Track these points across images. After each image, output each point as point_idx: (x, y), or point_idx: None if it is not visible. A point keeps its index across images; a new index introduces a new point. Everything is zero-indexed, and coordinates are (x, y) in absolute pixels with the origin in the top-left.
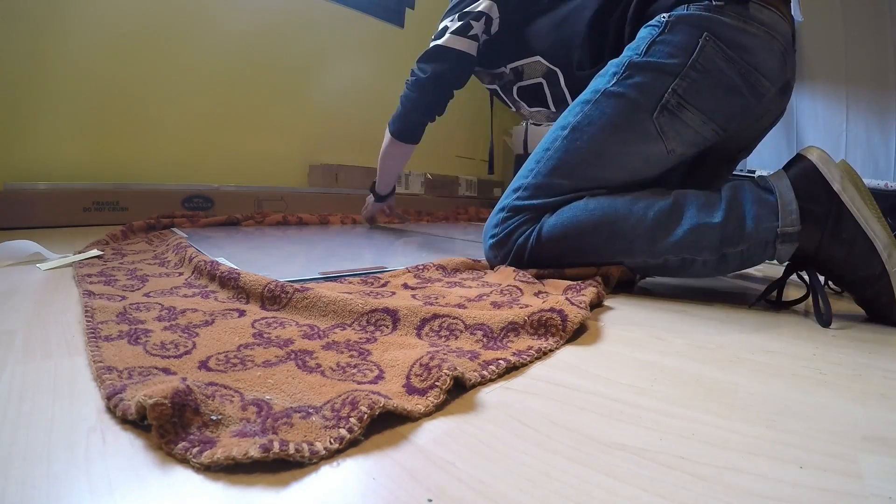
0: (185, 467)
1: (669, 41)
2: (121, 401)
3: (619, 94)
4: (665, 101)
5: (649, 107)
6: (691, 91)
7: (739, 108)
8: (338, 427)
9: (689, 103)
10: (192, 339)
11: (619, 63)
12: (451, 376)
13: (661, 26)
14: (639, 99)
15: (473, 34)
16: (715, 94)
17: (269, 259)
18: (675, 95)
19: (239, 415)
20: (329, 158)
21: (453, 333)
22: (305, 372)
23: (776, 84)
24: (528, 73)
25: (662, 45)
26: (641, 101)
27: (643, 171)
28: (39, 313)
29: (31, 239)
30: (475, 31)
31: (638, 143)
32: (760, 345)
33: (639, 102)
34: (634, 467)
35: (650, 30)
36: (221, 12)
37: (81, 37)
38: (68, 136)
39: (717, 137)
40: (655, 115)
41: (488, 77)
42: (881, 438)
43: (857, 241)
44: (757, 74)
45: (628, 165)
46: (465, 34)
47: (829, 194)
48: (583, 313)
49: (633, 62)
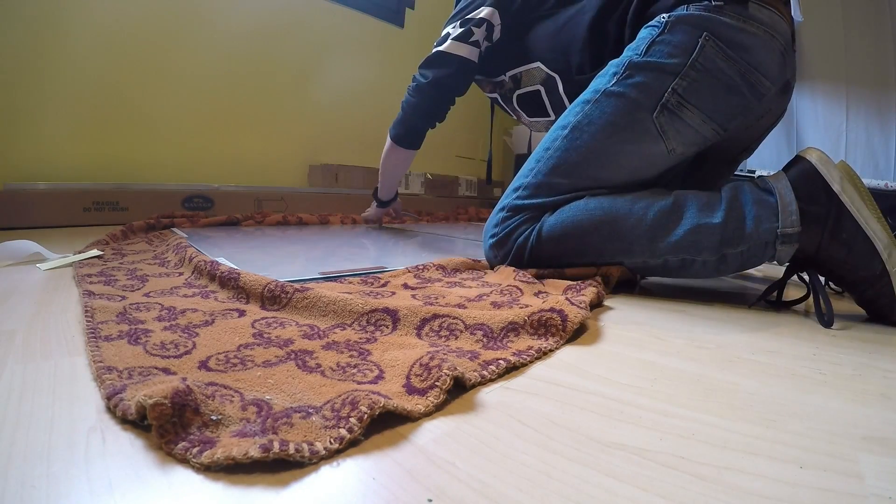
0: (185, 467)
1: (669, 41)
2: (121, 401)
3: (620, 94)
4: (665, 101)
5: (649, 106)
6: (691, 90)
7: (740, 108)
8: (338, 427)
9: (690, 102)
10: (192, 339)
11: (619, 63)
12: (451, 376)
13: (660, 27)
14: (639, 98)
15: (475, 40)
16: (715, 93)
17: (269, 259)
18: (676, 95)
19: (239, 415)
20: (329, 158)
21: (453, 333)
22: (305, 372)
23: (776, 84)
24: (527, 81)
25: (662, 45)
26: (642, 100)
27: (644, 171)
28: (39, 313)
29: (31, 239)
30: (476, 38)
31: (638, 142)
32: (760, 345)
33: (639, 102)
34: (634, 467)
35: (650, 30)
36: (221, 12)
37: (81, 37)
38: (68, 136)
39: (718, 137)
40: (656, 115)
41: (489, 86)
42: (881, 438)
43: (857, 241)
44: (757, 74)
45: (629, 165)
46: (466, 40)
47: (829, 195)
48: (583, 313)
49: (633, 62)
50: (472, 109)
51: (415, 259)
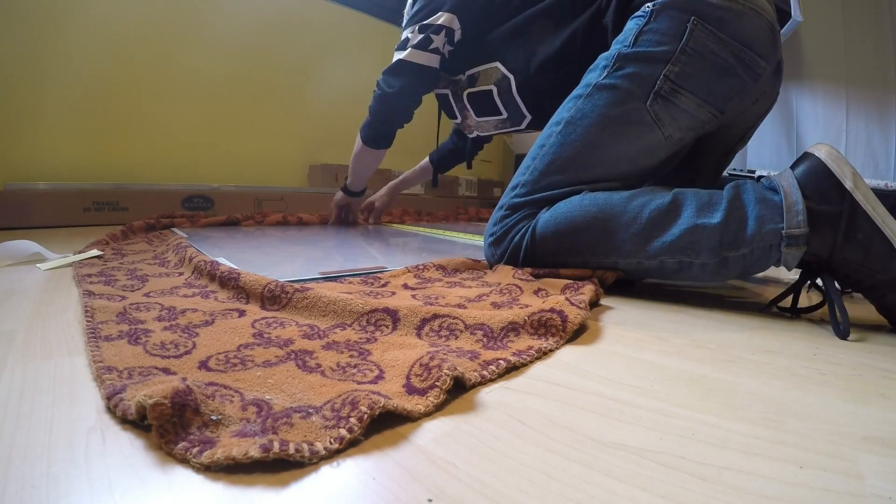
0: (185, 467)
1: (657, 29)
2: (121, 401)
3: (611, 86)
4: (658, 88)
5: (642, 95)
6: (684, 75)
7: (735, 89)
8: (338, 427)
9: (683, 88)
10: (192, 339)
11: (608, 56)
12: (451, 376)
13: (646, 16)
14: (631, 88)
15: (434, 48)
16: (709, 76)
17: (268, 259)
18: (668, 81)
19: (239, 415)
20: (329, 158)
21: (453, 333)
22: (305, 372)
23: (770, 63)
24: (483, 80)
25: (650, 34)
26: (634, 90)
27: (642, 161)
28: (40, 313)
29: (30, 239)
30: (436, 45)
31: (634, 132)
32: (760, 345)
33: (631, 91)
34: (634, 467)
35: (636, 21)
36: (221, 12)
37: (81, 37)
38: (68, 137)
39: (716, 121)
40: (649, 103)
41: (444, 83)
42: (881, 438)
43: (874, 242)
44: (750, 53)
45: (626, 156)
46: (426, 48)
47: (841, 193)
48: (583, 314)
49: (622, 54)
50: None
51: (415, 259)
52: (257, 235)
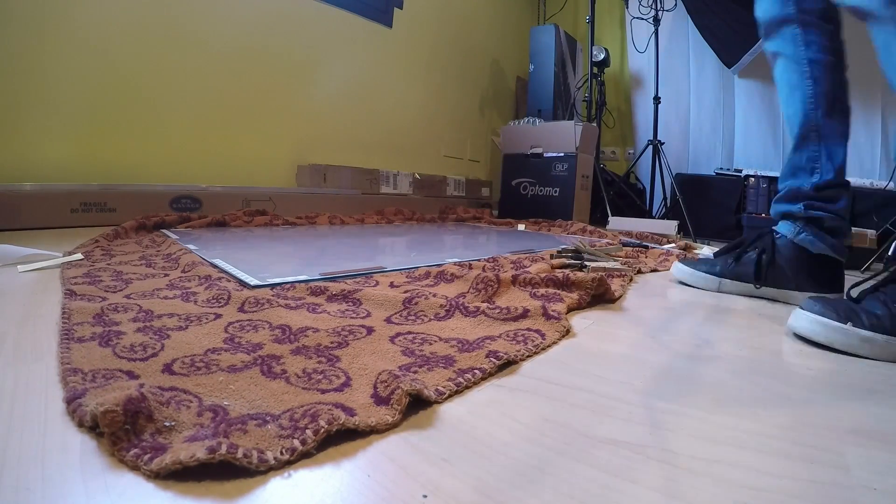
0: (137, 474)
1: None
2: (79, 406)
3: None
4: None
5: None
6: None
7: None
8: (292, 437)
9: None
10: (161, 342)
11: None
12: (408, 392)
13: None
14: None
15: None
16: None
17: (268, 259)
18: None
19: (194, 420)
20: (317, 158)
21: (427, 341)
22: (269, 378)
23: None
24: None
25: None
26: None
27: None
28: (30, 315)
29: (17, 241)
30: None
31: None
32: (748, 341)
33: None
34: (625, 461)
35: None
36: (209, 14)
37: (68, 39)
38: (55, 137)
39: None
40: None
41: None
42: (867, 431)
43: None
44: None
45: None
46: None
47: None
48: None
49: None
50: (460, 110)
51: (406, 259)
52: (248, 237)
